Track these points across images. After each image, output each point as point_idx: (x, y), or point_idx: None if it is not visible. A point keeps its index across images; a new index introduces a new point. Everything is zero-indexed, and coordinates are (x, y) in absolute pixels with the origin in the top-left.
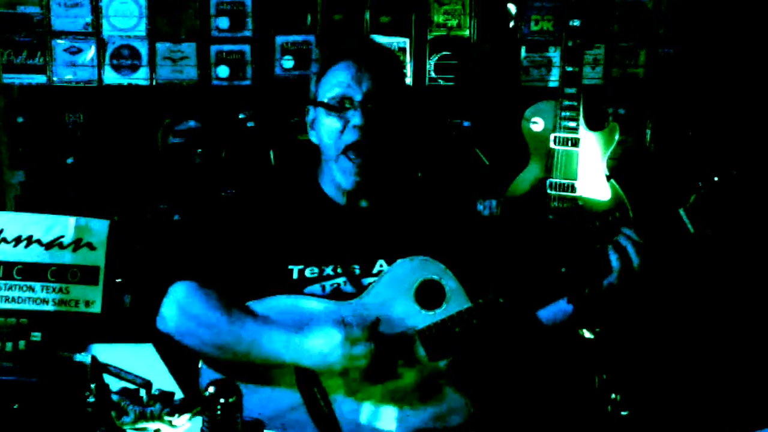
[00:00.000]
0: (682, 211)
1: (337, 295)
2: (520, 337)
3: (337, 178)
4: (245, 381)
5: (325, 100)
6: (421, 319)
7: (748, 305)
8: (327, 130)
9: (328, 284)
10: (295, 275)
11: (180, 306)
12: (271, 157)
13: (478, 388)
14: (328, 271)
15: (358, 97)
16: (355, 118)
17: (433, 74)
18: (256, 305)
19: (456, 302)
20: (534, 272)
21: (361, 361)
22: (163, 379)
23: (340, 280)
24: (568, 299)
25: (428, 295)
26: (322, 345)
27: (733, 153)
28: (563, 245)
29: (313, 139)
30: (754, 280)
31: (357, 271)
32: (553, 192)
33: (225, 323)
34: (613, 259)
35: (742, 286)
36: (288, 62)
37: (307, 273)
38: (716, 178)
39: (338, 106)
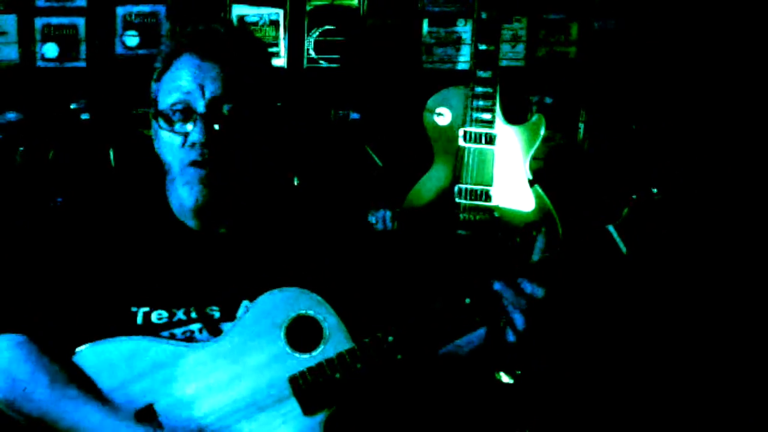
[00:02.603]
0: (612, 228)
1: (191, 341)
2: (419, 383)
3: (180, 193)
4: None
5: (162, 108)
6: (294, 363)
7: (695, 342)
8: (165, 144)
9: (179, 331)
10: (139, 319)
11: (2, 369)
12: (111, 157)
13: None
14: (180, 315)
15: (199, 107)
16: (194, 133)
17: (313, 54)
18: (91, 352)
19: (336, 342)
20: (432, 304)
21: None
22: None
23: (195, 326)
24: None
25: (302, 334)
26: None
27: (686, 150)
28: (474, 268)
29: (156, 148)
30: (703, 310)
31: (217, 315)
32: (463, 201)
33: (48, 396)
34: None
35: (691, 318)
36: (132, 39)
37: (154, 317)
38: (654, 190)
39: (177, 117)
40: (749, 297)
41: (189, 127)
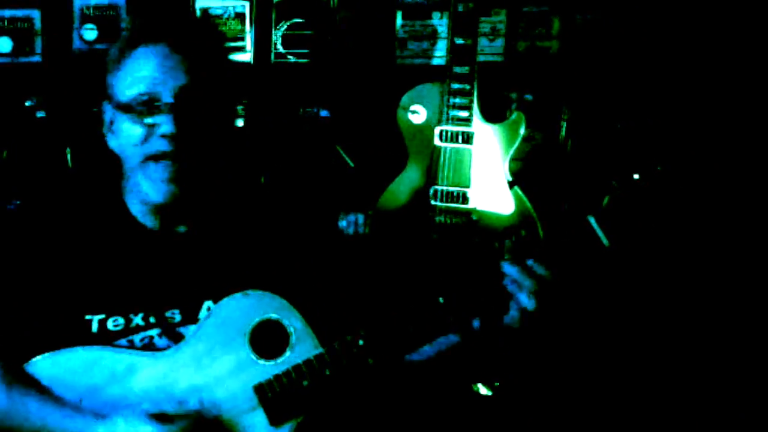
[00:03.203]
0: (592, 219)
1: (150, 349)
2: (391, 390)
3: (145, 189)
4: None
5: (124, 100)
6: (260, 371)
7: (681, 344)
8: (127, 137)
9: (137, 338)
10: (94, 327)
11: None
12: (68, 157)
13: None
14: (137, 320)
15: (167, 98)
16: (164, 125)
17: (280, 48)
18: (46, 364)
19: (303, 348)
20: (404, 305)
21: None
22: None
23: (153, 332)
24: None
25: (268, 339)
26: None
27: (673, 150)
28: (450, 273)
29: (112, 145)
30: (687, 309)
31: (177, 318)
32: (439, 203)
33: (4, 407)
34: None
35: (677, 318)
36: (90, 33)
37: (110, 324)
38: (636, 176)
39: (141, 109)
40: (736, 288)
41: (157, 118)
